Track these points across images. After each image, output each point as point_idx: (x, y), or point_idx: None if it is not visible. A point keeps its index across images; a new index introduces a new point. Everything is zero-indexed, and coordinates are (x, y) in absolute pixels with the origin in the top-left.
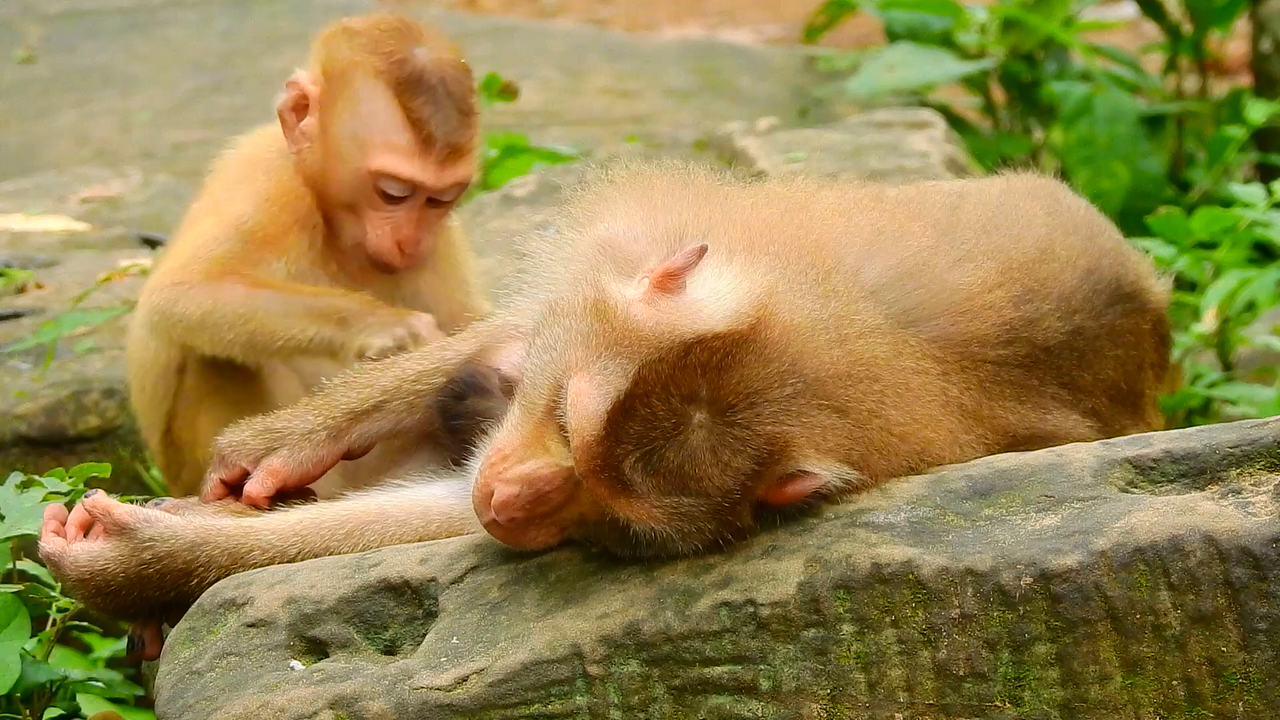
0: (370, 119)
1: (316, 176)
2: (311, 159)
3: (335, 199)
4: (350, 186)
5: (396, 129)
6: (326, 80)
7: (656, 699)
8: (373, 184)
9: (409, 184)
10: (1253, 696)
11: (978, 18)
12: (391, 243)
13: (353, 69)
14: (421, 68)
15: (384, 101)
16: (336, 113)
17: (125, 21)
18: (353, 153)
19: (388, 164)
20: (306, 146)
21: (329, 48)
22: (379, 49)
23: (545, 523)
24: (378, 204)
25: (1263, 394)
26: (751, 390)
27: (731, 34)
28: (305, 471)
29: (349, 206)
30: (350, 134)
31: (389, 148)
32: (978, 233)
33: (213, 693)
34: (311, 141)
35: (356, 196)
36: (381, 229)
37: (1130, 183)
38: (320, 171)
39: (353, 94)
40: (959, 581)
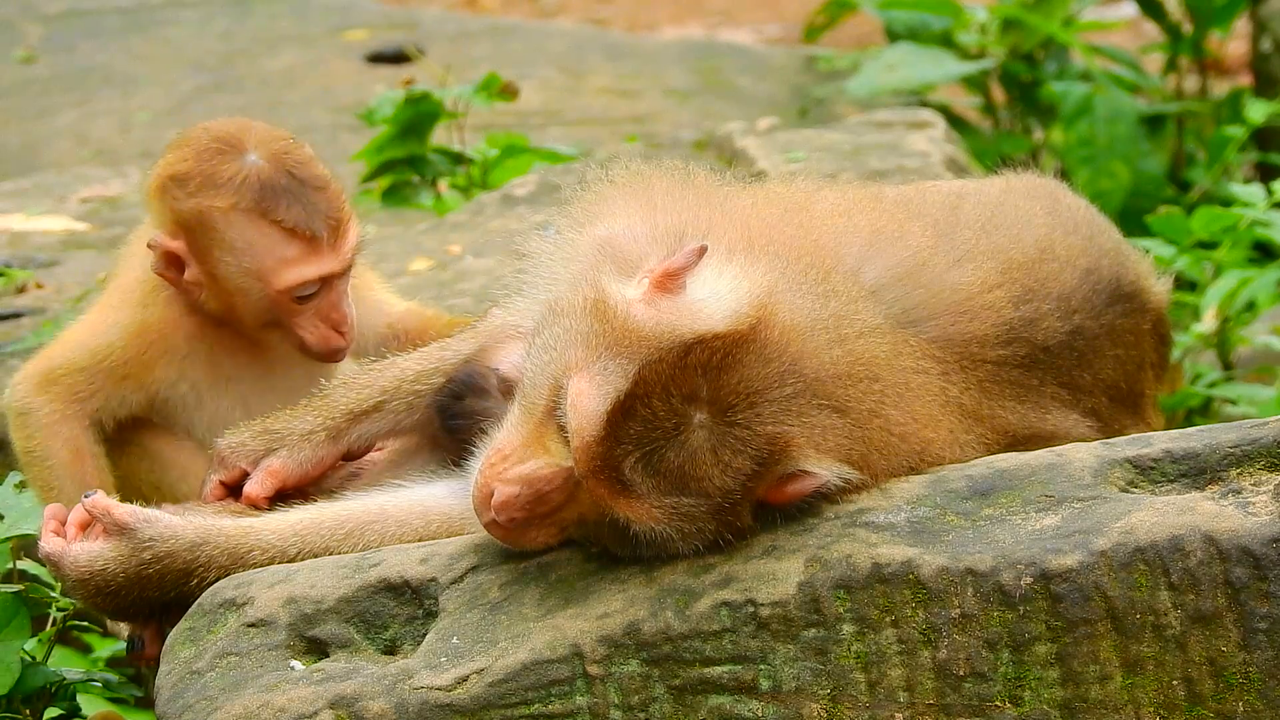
0: (251, 249)
1: (225, 313)
2: (213, 302)
3: (254, 325)
4: (265, 310)
5: (281, 245)
6: (184, 232)
7: (656, 699)
8: (286, 299)
9: (318, 281)
10: (1253, 696)
11: (978, 18)
12: (327, 330)
13: (206, 215)
14: (265, 176)
15: (254, 228)
16: (216, 259)
17: (125, 21)
18: (251, 285)
19: (292, 277)
20: (201, 293)
21: (167, 200)
22: (216, 183)
23: (545, 523)
24: (296, 310)
25: (1263, 394)
26: (751, 390)
27: (731, 34)
28: (305, 472)
29: (271, 324)
30: (240, 271)
31: (285, 264)
32: (977, 232)
33: (213, 693)
34: (204, 288)
35: (274, 315)
36: (312, 326)
37: (1130, 183)
38: (227, 309)
39: (219, 237)
40: (959, 581)
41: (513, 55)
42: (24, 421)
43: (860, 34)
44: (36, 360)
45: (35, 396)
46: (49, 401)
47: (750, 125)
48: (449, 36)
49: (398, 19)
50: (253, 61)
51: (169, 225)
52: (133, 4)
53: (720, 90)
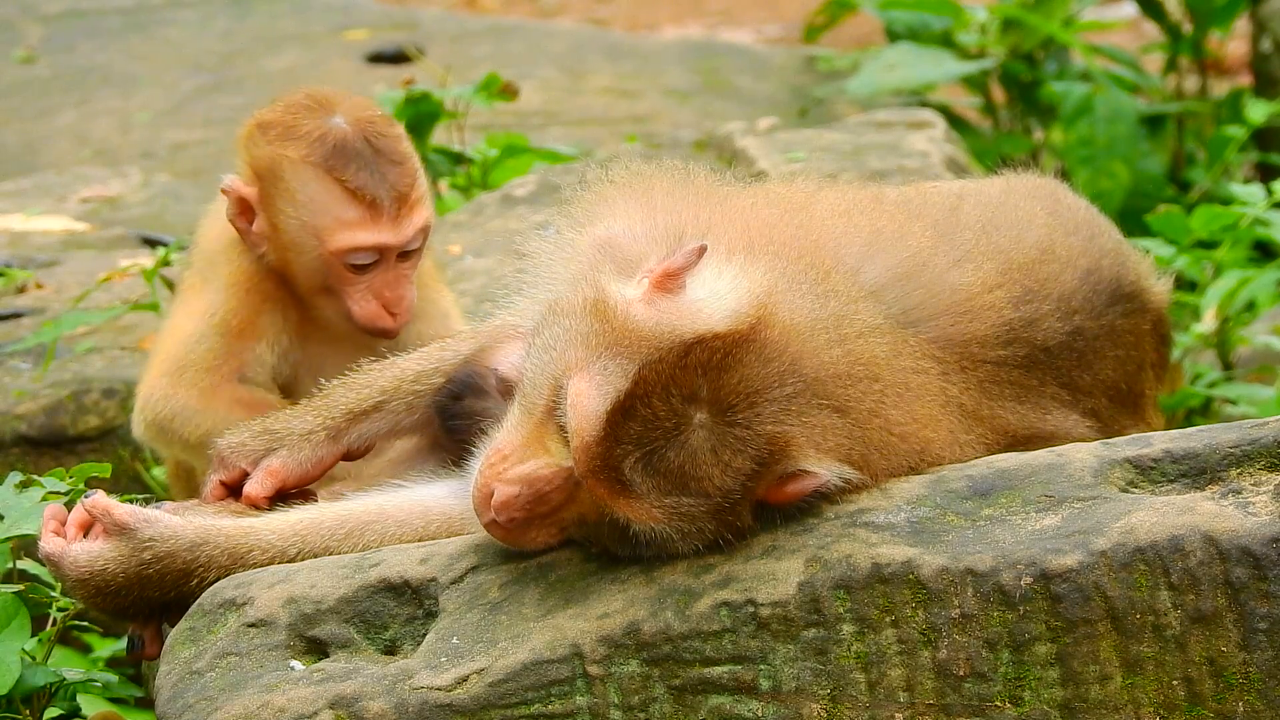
0: (312, 205)
1: (283, 270)
2: (272, 256)
3: (308, 287)
4: (318, 272)
5: (341, 205)
6: (258, 179)
7: (656, 699)
8: (339, 263)
9: (373, 250)
10: (1253, 696)
11: (978, 18)
12: (378, 308)
13: (277, 163)
14: (342, 137)
15: (319, 183)
16: (279, 209)
17: (125, 21)
18: (308, 242)
19: (346, 240)
20: (265, 246)
21: (249, 147)
22: (295, 134)
23: (545, 523)
24: (350, 279)
25: (1263, 394)
26: (751, 390)
27: (731, 34)
28: (305, 472)
29: (324, 290)
30: (298, 226)
31: (342, 225)
32: (977, 233)
33: (213, 693)
34: (266, 241)
35: (328, 279)
36: (364, 300)
37: (1130, 183)
38: (285, 266)
39: (286, 187)
40: (959, 581)
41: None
42: (177, 424)
43: (860, 34)
44: (152, 368)
45: (173, 393)
46: (188, 389)
47: (750, 125)
48: (449, 36)
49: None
50: (253, 61)
51: (247, 172)
52: (133, 4)
53: (720, 90)
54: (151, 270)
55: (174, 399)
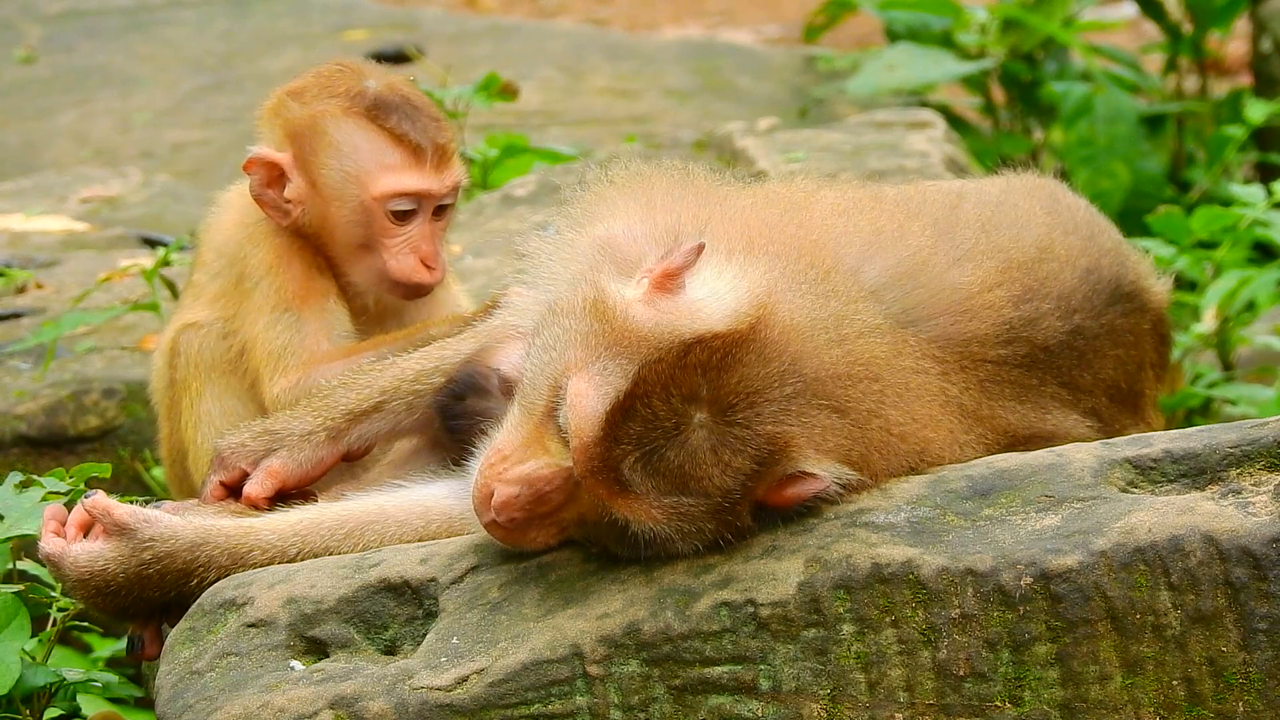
0: (357, 152)
1: (319, 232)
2: (309, 218)
3: (346, 243)
4: (360, 224)
5: (385, 150)
6: (293, 141)
7: (656, 699)
8: (381, 211)
9: (416, 196)
10: (1253, 696)
11: (978, 18)
12: (416, 262)
13: (318, 119)
14: (379, 92)
15: (362, 131)
16: (320, 163)
17: (125, 21)
18: (352, 190)
19: (390, 184)
20: (299, 211)
21: (282, 113)
22: (333, 92)
23: (545, 523)
24: (390, 230)
25: (1263, 394)
26: (751, 390)
27: (731, 34)
28: (305, 472)
29: (363, 245)
30: (342, 175)
31: (385, 169)
32: (977, 232)
33: (213, 693)
34: (302, 203)
35: (368, 231)
36: (401, 254)
37: (1130, 183)
38: (322, 225)
39: (329, 140)
40: (959, 581)
41: (513, 55)
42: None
43: (860, 34)
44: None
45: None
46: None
47: (750, 125)
48: (449, 36)
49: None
50: (253, 61)
51: (278, 138)
52: (133, 4)
53: (720, 90)
54: (151, 270)
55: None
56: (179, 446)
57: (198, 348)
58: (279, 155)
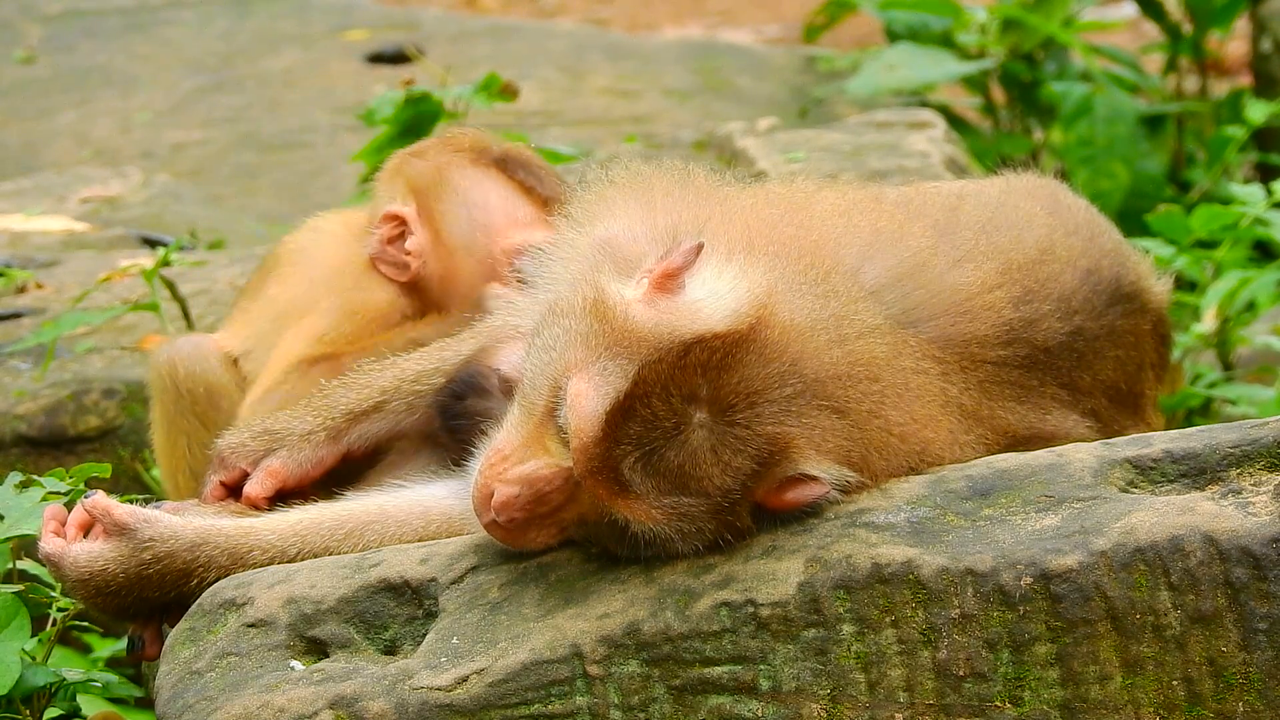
0: (486, 203)
1: (439, 286)
2: (431, 271)
3: (468, 298)
4: (480, 276)
5: (515, 203)
6: (416, 195)
7: (656, 699)
8: (505, 265)
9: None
10: (1253, 696)
11: (978, 18)
12: None
13: (446, 170)
14: (505, 148)
15: (492, 182)
16: (445, 214)
17: (125, 21)
18: (478, 240)
19: (519, 237)
20: (419, 264)
21: (405, 169)
22: (459, 148)
23: (545, 523)
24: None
25: (1263, 394)
26: (751, 390)
27: (731, 34)
28: (305, 472)
29: (474, 303)
30: (470, 224)
31: (514, 223)
32: (977, 233)
33: (213, 693)
34: (423, 256)
35: (490, 283)
36: None
37: (1130, 183)
38: (443, 279)
39: (456, 190)
40: (959, 581)
41: (513, 55)
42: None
43: (860, 34)
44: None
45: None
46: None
47: (750, 125)
48: (449, 36)
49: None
50: (253, 61)
51: (400, 194)
52: (133, 4)
53: (720, 90)
54: (151, 270)
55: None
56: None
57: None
58: (403, 209)
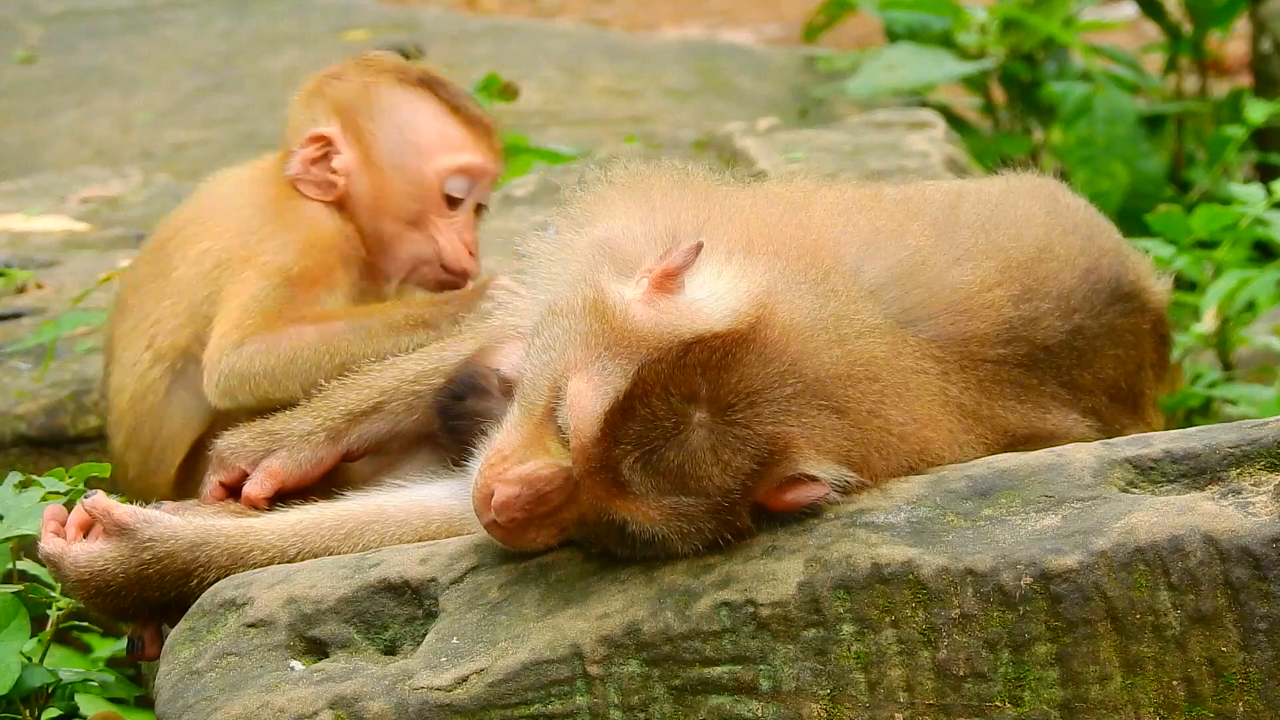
0: (414, 124)
1: (370, 206)
2: (359, 191)
3: (397, 219)
4: (415, 199)
5: (446, 122)
6: (341, 114)
7: (656, 699)
8: (439, 187)
9: (476, 173)
10: (1253, 696)
11: (978, 18)
12: (464, 248)
13: (373, 90)
14: (424, 68)
15: (420, 103)
16: (375, 134)
17: (125, 21)
18: (410, 160)
19: (451, 160)
20: (346, 182)
21: (326, 90)
22: (381, 68)
23: (545, 523)
24: (444, 211)
25: (1263, 394)
26: (751, 390)
27: (731, 34)
28: (304, 473)
29: (412, 223)
30: (400, 145)
31: (447, 144)
32: (977, 232)
33: (213, 693)
34: (350, 175)
35: (423, 206)
36: (451, 238)
37: (1130, 183)
38: (374, 199)
39: (386, 109)
40: (959, 581)
41: (513, 55)
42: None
43: (860, 34)
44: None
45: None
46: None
47: (750, 125)
48: (449, 36)
49: (398, 19)
50: (253, 61)
51: (324, 114)
52: (133, 4)
53: (720, 90)
54: None
55: (244, 345)
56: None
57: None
58: (328, 129)
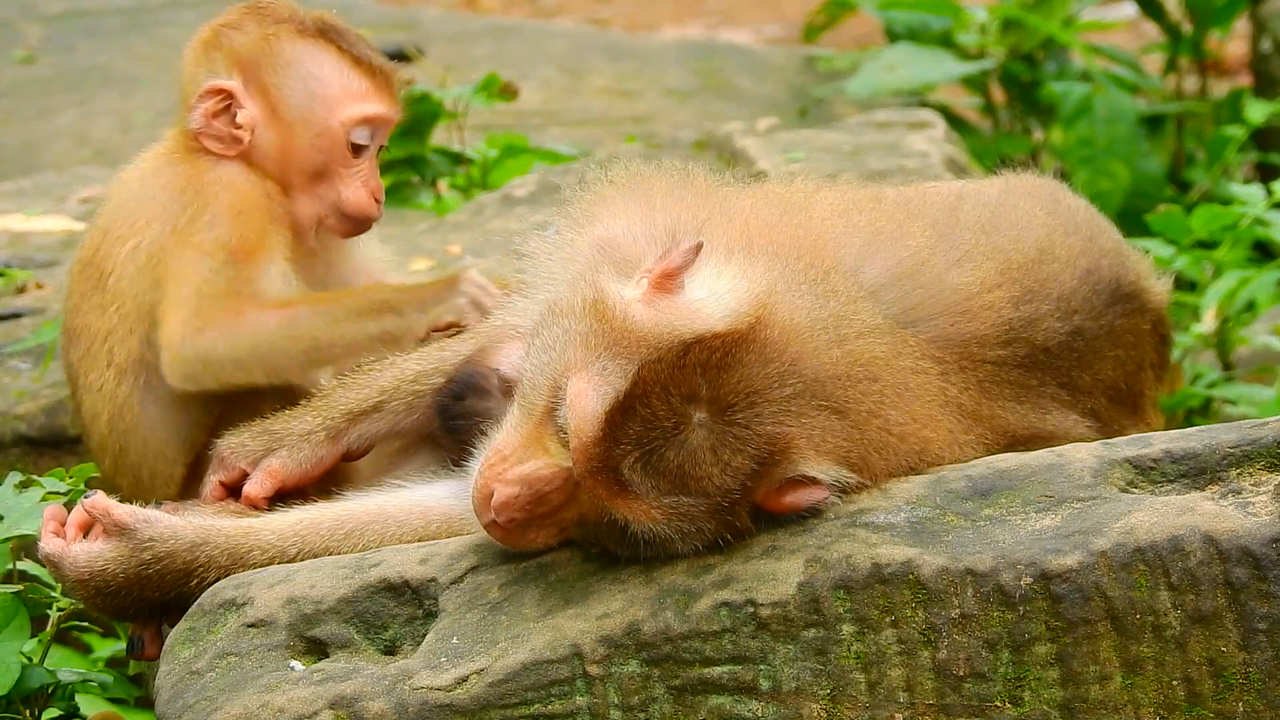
0: (318, 76)
1: (276, 159)
2: (264, 144)
3: (303, 172)
4: (321, 150)
5: (349, 74)
6: (241, 67)
7: (656, 699)
8: (345, 138)
9: (380, 122)
10: (1253, 696)
11: (978, 18)
12: (368, 196)
13: (275, 42)
14: (323, 19)
15: (323, 54)
16: (280, 87)
17: (125, 21)
18: (316, 113)
19: (357, 110)
20: (252, 135)
21: (224, 42)
22: (279, 18)
23: (545, 523)
24: (349, 160)
25: (1263, 394)
26: (751, 390)
27: (731, 34)
28: (304, 472)
29: (318, 174)
30: (305, 96)
31: (351, 95)
32: (977, 233)
33: (213, 693)
34: (255, 129)
35: (328, 158)
36: (355, 185)
37: (1130, 183)
38: (280, 152)
39: (290, 62)
40: (959, 581)
41: (513, 55)
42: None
43: (860, 34)
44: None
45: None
46: (215, 319)
47: (750, 125)
48: (449, 36)
49: (398, 19)
50: None
51: (224, 66)
52: (133, 4)
53: (720, 90)
54: None
55: (206, 331)
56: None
57: None
58: (228, 82)
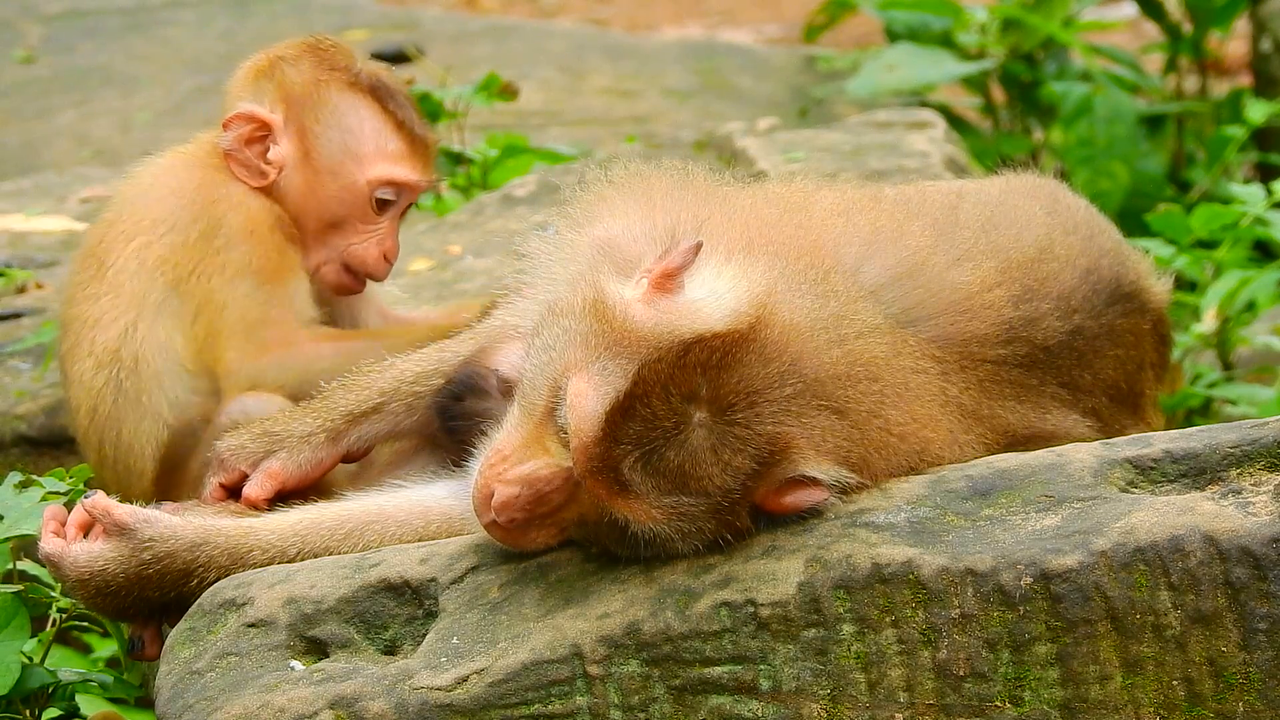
0: (357, 131)
1: (296, 201)
2: (290, 184)
3: (320, 219)
4: (343, 204)
5: (387, 136)
6: (288, 105)
7: (656, 699)
8: (369, 195)
9: (405, 188)
10: (1253, 696)
11: (978, 18)
12: (378, 255)
13: (322, 87)
14: (377, 75)
15: (367, 110)
16: (318, 134)
17: (125, 21)
18: (346, 167)
19: (386, 172)
20: (278, 174)
21: (275, 75)
22: (333, 65)
23: (545, 523)
24: (370, 217)
25: (1263, 394)
26: (751, 390)
27: (731, 34)
28: (304, 474)
29: (334, 225)
30: (339, 149)
31: (384, 155)
32: (977, 232)
33: (213, 693)
34: (285, 168)
35: (349, 212)
36: (368, 243)
37: (1130, 183)
38: (303, 195)
39: (331, 109)
40: (959, 581)
41: (513, 55)
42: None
43: (860, 34)
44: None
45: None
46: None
47: (750, 125)
48: (449, 36)
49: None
50: None
51: (268, 101)
52: (133, 4)
53: (720, 90)
54: None
55: (260, 360)
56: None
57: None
58: (271, 115)
